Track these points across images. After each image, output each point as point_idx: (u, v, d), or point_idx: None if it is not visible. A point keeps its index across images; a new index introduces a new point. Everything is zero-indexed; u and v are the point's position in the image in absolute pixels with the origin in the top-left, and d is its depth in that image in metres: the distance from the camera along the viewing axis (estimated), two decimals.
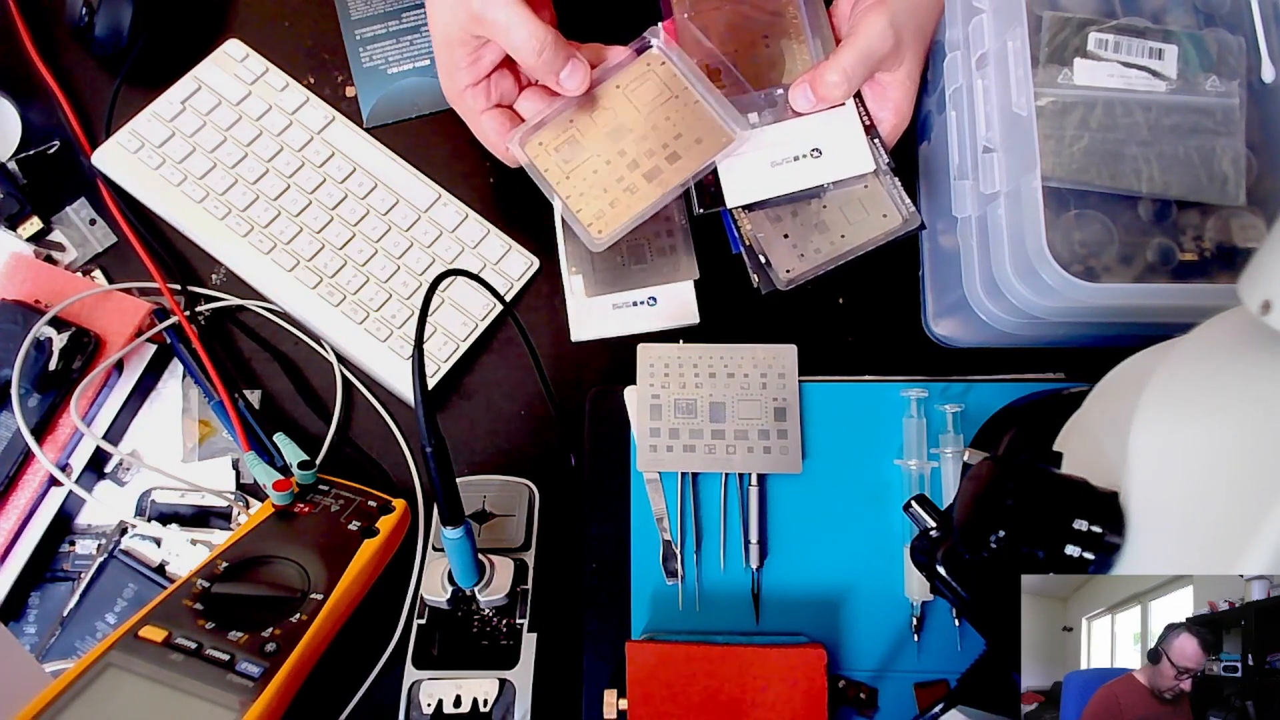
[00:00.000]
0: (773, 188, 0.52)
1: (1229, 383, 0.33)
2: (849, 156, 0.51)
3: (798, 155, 0.51)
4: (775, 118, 0.52)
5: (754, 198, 0.52)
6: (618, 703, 0.50)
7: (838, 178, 0.51)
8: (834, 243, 0.54)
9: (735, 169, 0.52)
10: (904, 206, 0.53)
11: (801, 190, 0.52)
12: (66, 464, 0.55)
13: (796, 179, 0.51)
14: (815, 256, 0.54)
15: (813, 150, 0.51)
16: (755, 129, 0.52)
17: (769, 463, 0.55)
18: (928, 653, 0.53)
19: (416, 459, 0.58)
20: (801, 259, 0.54)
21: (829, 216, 0.54)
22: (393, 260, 0.59)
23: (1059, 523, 0.33)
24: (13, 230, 0.59)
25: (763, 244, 0.53)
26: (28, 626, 0.54)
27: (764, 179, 0.51)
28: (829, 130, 0.52)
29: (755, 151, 0.52)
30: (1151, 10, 0.53)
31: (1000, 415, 0.55)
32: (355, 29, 0.65)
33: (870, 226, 0.54)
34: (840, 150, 0.51)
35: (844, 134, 0.51)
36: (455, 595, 0.48)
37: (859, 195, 0.54)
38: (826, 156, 0.51)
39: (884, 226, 0.53)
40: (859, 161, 0.51)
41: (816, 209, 0.54)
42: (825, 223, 0.54)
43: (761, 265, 0.54)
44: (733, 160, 0.52)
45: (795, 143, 0.52)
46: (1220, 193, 0.51)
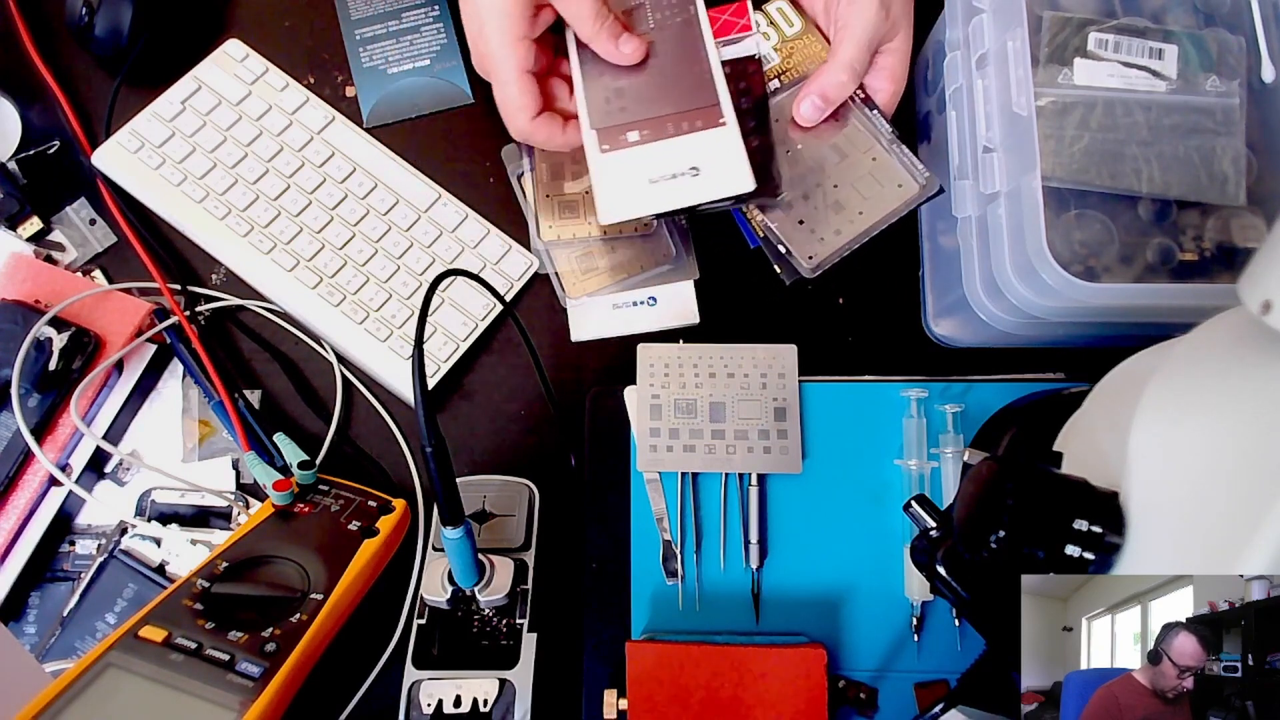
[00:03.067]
0: (649, 205, 0.50)
1: (1229, 383, 0.33)
2: (727, 175, 0.50)
3: (674, 173, 0.50)
4: (644, 139, 0.51)
5: (629, 215, 0.50)
6: (618, 703, 0.50)
7: (715, 197, 0.50)
8: (853, 220, 0.53)
9: (610, 185, 0.50)
10: (919, 174, 0.53)
11: (674, 209, 0.51)
12: (66, 464, 0.55)
13: (674, 197, 0.50)
14: (836, 239, 0.53)
15: (690, 169, 0.50)
16: (634, 146, 0.51)
17: (769, 463, 0.55)
18: (928, 653, 0.53)
19: (416, 459, 0.58)
20: (822, 242, 0.53)
21: (843, 195, 0.54)
22: (393, 260, 0.59)
23: (1059, 523, 0.33)
24: (13, 230, 0.59)
25: (779, 234, 0.53)
26: (28, 626, 0.54)
27: (641, 196, 0.50)
28: (707, 149, 0.51)
29: (628, 170, 0.51)
30: (1151, 10, 0.53)
31: (1000, 415, 0.55)
32: (355, 29, 0.65)
33: (887, 198, 0.53)
34: (718, 169, 0.50)
35: (722, 153, 0.50)
36: (455, 595, 0.48)
37: (869, 169, 0.53)
38: (705, 174, 0.50)
39: (902, 196, 0.53)
40: (738, 180, 0.50)
41: (828, 190, 0.54)
42: (840, 202, 0.53)
43: (782, 255, 0.53)
44: (608, 177, 0.51)
45: (671, 162, 0.50)
46: (1220, 193, 0.51)
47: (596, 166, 0.51)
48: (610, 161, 0.51)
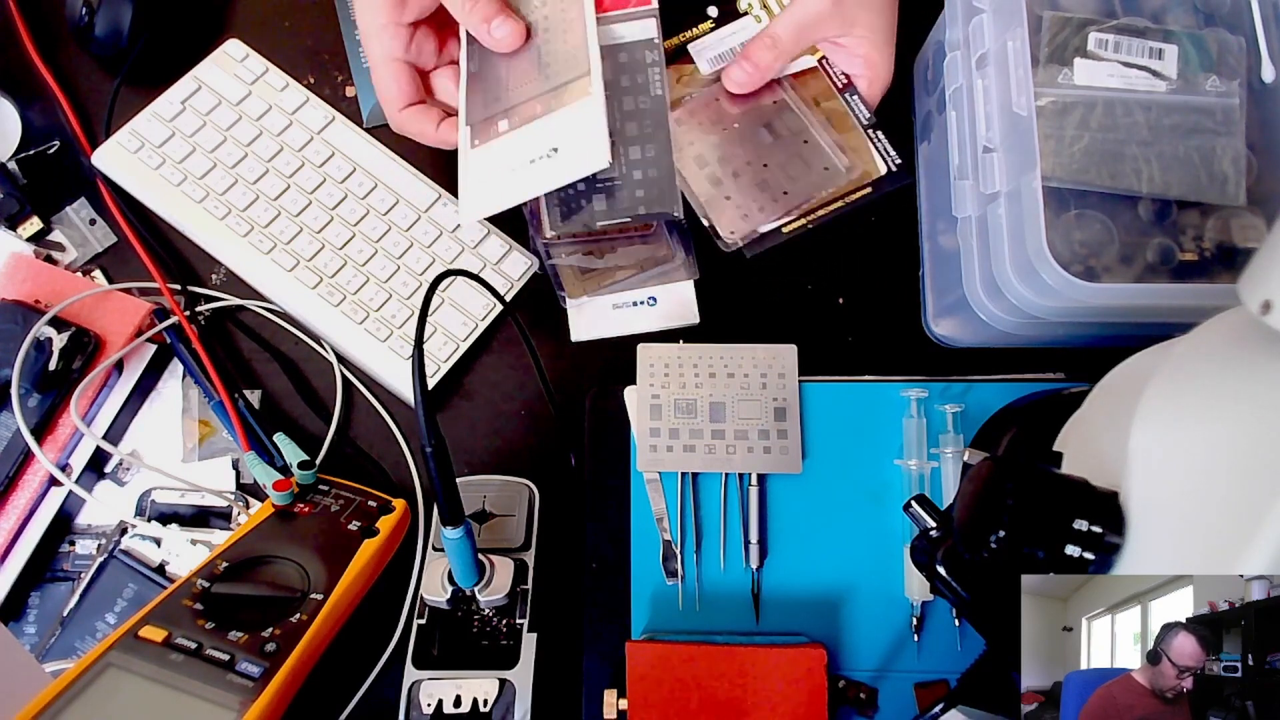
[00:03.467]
0: (509, 196, 0.48)
1: (1229, 383, 0.33)
2: (585, 152, 0.47)
3: (534, 158, 0.48)
4: (514, 125, 0.49)
5: (490, 210, 0.49)
6: (618, 703, 0.50)
7: (570, 178, 0.48)
8: (776, 200, 0.54)
9: (473, 181, 0.49)
10: (891, 159, 0.53)
11: (538, 193, 0.49)
12: (66, 464, 0.55)
13: (532, 184, 0.48)
14: (759, 216, 0.53)
15: (550, 150, 0.48)
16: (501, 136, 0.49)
17: (769, 463, 0.55)
18: (928, 653, 0.53)
19: (416, 459, 0.58)
20: (745, 219, 0.53)
21: (770, 175, 0.54)
22: (393, 260, 0.59)
23: (1059, 523, 0.33)
24: (13, 230, 0.59)
25: (705, 208, 0.53)
26: (28, 626, 0.54)
27: (502, 187, 0.48)
28: (568, 126, 0.48)
29: (492, 162, 0.49)
30: (1151, 10, 0.53)
31: (1000, 415, 0.55)
32: (355, 29, 0.65)
33: (813, 182, 0.53)
34: (576, 146, 0.47)
35: (583, 128, 0.47)
36: (455, 595, 0.48)
37: (799, 150, 0.53)
38: (563, 154, 0.47)
39: (832, 181, 0.52)
40: (595, 157, 0.47)
41: (757, 169, 0.54)
42: (766, 181, 0.53)
43: (707, 230, 0.54)
44: (472, 174, 0.49)
45: (533, 146, 0.48)
46: (1220, 193, 0.51)
47: (464, 163, 0.49)
48: (477, 157, 0.49)
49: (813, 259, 0.62)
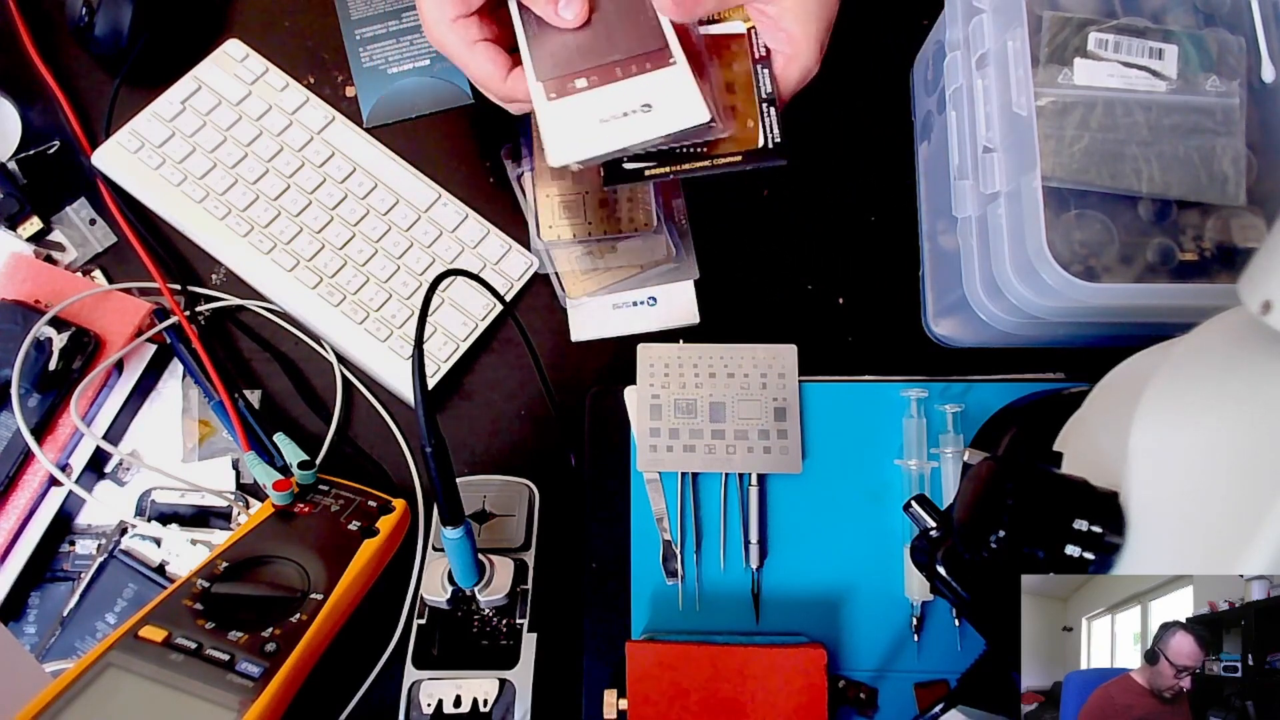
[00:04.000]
0: (603, 144, 0.49)
1: (1229, 383, 0.33)
2: (681, 108, 0.49)
3: (627, 111, 0.49)
4: (593, 84, 0.49)
5: (583, 155, 0.49)
6: (618, 703, 0.50)
7: (671, 130, 0.49)
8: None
9: (559, 129, 0.49)
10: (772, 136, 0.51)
11: (629, 145, 0.49)
12: (66, 464, 0.55)
13: (629, 134, 0.49)
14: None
15: (643, 105, 0.49)
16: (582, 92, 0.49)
17: (769, 463, 0.55)
18: (928, 653, 0.53)
19: (416, 459, 0.58)
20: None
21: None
22: (393, 260, 0.59)
23: (1059, 523, 0.33)
24: (13, 230, 0.59)
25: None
26: (28, 626, 0.54)
27: (594, 135, 0.49)
28: (658, 87, 0.50)
29: (578, 113, 0.49)
30: (1151, 10, 0.53)
31: (1000, 415, 0.55)
32: (355, 29, 0.65)
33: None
34: (671, 103, 0.49)
35: (674, 88, 0.49)
36: (455, 595, 0.48)
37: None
38: (657, 110, 0.49)
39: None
40: (693, 112, 0.49)
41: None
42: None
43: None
44: (557, 122, 0.49)
45: (623, 102, 0.49)
46: (1220, 193, 0.51)
47: (544, 113, 0.49)
48: (558, 107, 0.49)
49: (813, 259, 0.62)
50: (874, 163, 0.63)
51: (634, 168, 0.51)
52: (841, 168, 0.62)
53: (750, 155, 0.51)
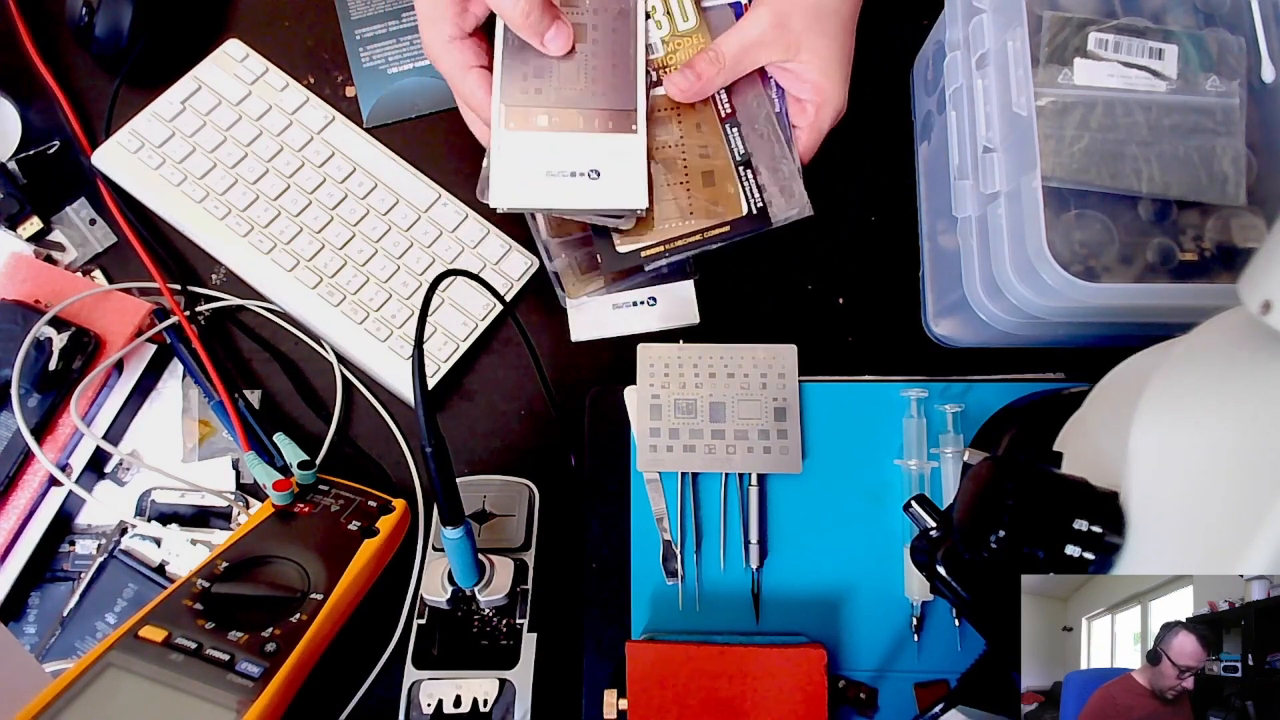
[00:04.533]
0: (542, 199, 0.49)
1: (1229, 383, 0.33)
2: (624, 187, 0.48)
3: (575, 172, 0.48)
4: (553, 125, 0.49)
5: (519, 204, 0.49)
6: (618, 703, 0.50)
7: (606, 207, 0.49)
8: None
9: (508, 166, 0.49)
10: (754, 201, 0.51)
11: (566, 209, 0.49)
12: (66, 464, 0.55)
13: (566, 196, 0.48)
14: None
15: (591, 171, 0.48)
16: (540, 131, 0.49)
17: (769, 463, 0.55)
18: (928, 653, 0.53)
19: (416, 459, 0.58)
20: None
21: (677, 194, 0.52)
22: (393, 260, 0.59)
23: (1059, 523, 0.33)
24: (13, 230, 0.59)
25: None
26: (28, 626, 0.54)
27: (536, 186, 0.49)
28: (612, 154, 0.49)
29: (535, 155, 0.49)
30: (1151, 10, 0.53)
31: (1000, 415, 0.55)
32: (355, 29, 0.65)
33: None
34: (618, 178, 0.49)
35: (626, 162, 0.49)
36: (455, 595, 0.48)
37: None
38: (603, 181, 0.48)
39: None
40: (632, 195, 0.48)
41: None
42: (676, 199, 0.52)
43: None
44: (508, 156, 0.49)
45: (575, 159, 0.49)
46: (1220, 193, 0.51)
47: (498, 142, 0.49)
48: (514, 140, 0.49)
49: (813, 259, 0.62)
50: (874, 163, 0.64)
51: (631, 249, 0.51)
52: (841, 168, 0.62)
53: (737, 223, 0.50)
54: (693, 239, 0.51)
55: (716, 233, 0.51)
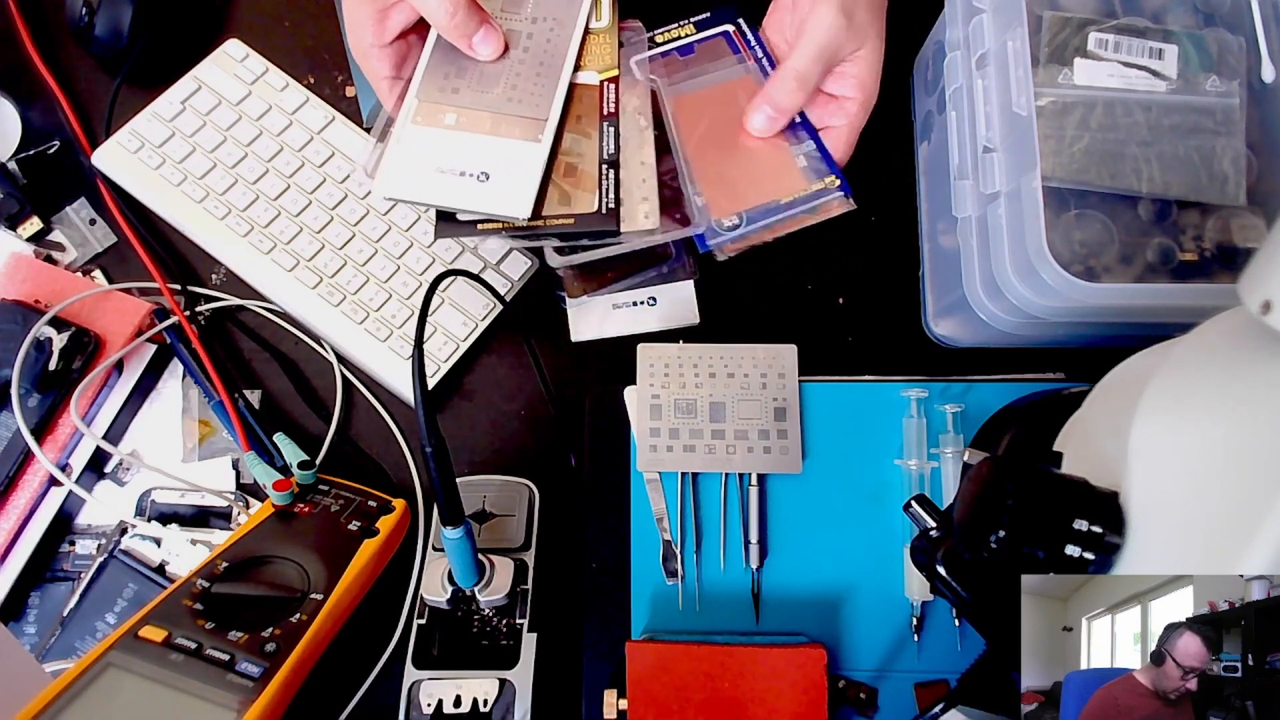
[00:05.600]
0: (426, 193, 0.48)
1: (1229, 383, 0.33)
2: (511, 194, 0.48)
3: (464, 172, 0.48)
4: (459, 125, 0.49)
5: (403, 195, 0.48)
6: (618, 703, 0.50)
7: (488, 211, 0.48)
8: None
9: (401, 158, 0.49)
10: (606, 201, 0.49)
11: (449, 208, 0.48)
12: (66, 464, 0.55)
13: (452, 195, 0.48)
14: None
15: (481, 173, 0.48)
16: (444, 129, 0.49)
17: (769, 463, 0.55)
18: (928, 653, 0.53)
19: (416, 459, 0.58)
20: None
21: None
22: (392, 260, 0.59)
23: (1059, 523, 0.33)
24: (13, 230, 0.59)
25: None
26: (28, 626, 0.54)
27: (422, 181, 0.48)
28: (507, 160, 0.49)
29: (426, 150, 0.49)
30: (1151, 10, 0.53)
31: (1000, 415, 0.55)
32: None
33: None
34: (507, 184, 0.48)
35: (520, 170, 0.48)
36: (455, 595, 0.48)
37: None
38: (491, 184, 0.48)
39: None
40: (519, 203, 0.47)
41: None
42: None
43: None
44: (404, 149, 0.49)
45: (469, 159, 0.48)
46: (1220, 193, 0.51)
47: (399, 134, 0.49)
48: (415, 134, 0.49)
49: (813, 259, 0.62)
50: (874, 163, 0.63)
51: (468, 219, 0.50)
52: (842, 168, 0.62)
53: (582, 219, 0.49)
54: (534, 224, 0.49)
55: (559, 223, 0.49)
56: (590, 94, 0.52)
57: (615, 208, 0.49)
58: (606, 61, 0.52)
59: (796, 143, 0.53)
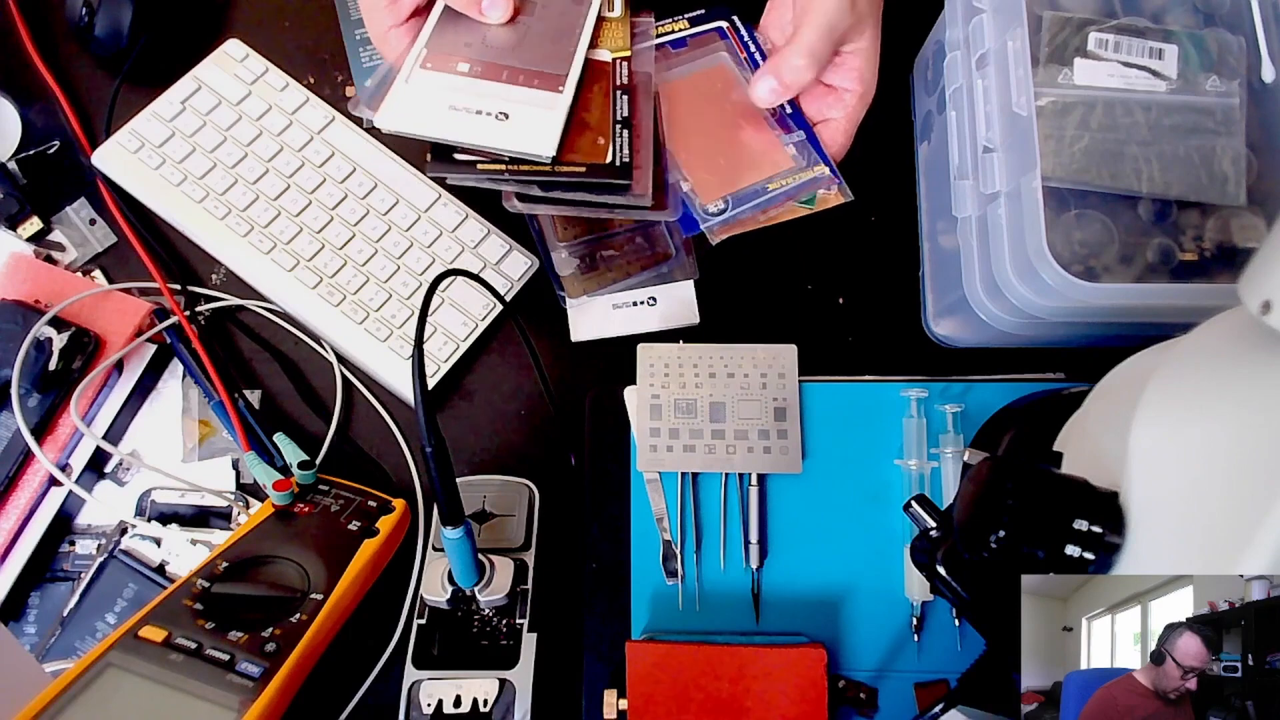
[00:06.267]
0: (436, 128, 0.48)
1: (1229, 383, 0.33)
2: (534, 134, 0.47)
3: (481, 110, 0.47)
4: (474, 74, 0.49)
5: (410, 129, 0.48)
6: (618, 703, 0.50)
7: (515, 148, 0.47)
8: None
9: (409, 95, 0.48)
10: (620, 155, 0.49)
11: (463, 142, 0.48)
12: (66, 464, 0.55)
13: (466, 131, 0.47)
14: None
15: (500, 113, 0.47)
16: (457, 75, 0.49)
17: (769, 463, 0.55)
18: (928, 653, 0.53)
19: (416, 459, 0.58)
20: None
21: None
22: (392, 260, 0.59)
23: (1059, 523, 0.33)
24: (13, 230, 0.59)
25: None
26: (28, 626, 0.54)
27: (433, 116, 0.48)
28: (528, 104, 0.48)
29: (437, 90, 0.48)
30: (1151, 10, 0.53)
31: (1000, 415, 0.55)
32: (355, 29, 0.65)
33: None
34: (529, 124, 0.47)
35: (542, 113, 0.48)
36: (455, 595, 0.48)
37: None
38: (512, 122, 0.47)
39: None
40: (543, 141, 0.47)
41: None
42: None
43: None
44: (413, 88, 0.48)
45: (486, 100, 0.48)
46: (1220, 193, 0.51)
47: (407, 74, 0.49)
48: (424, 78, 0.49)
49: (813, 259, 0.62)
50: (874, 163, 0.63)
51: (466, 159, 0.49)
52: (842, 167, 0.62)
53: (594, 169, 0.49)
54: (541, 168, 0.49)
55: (569, 170, 0.49)
56: (604, 69, 0.52)
57: (629, 162, 0.49)
58: (620, 43, 0.53)
59: (786, 133, 0.54)
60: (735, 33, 0.57)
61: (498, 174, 0.49)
